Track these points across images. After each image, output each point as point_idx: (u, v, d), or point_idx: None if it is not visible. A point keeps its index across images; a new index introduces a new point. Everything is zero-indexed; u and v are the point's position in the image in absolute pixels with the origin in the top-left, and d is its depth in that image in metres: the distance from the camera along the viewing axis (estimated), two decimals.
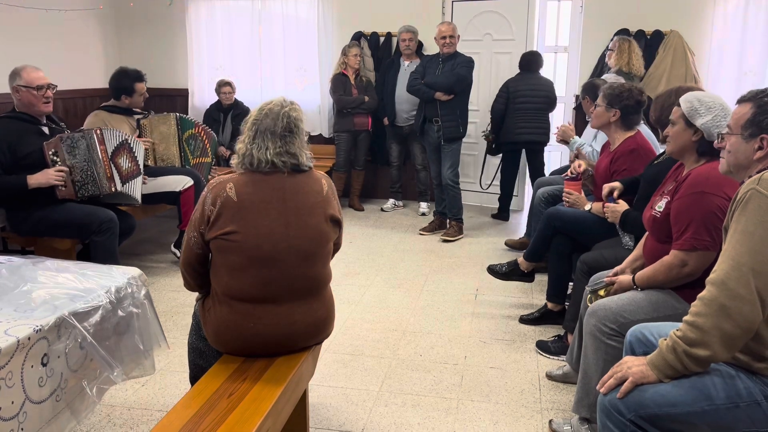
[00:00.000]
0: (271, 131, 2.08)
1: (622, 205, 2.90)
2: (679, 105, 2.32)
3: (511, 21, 5.84)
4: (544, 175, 5.40)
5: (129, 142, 3.84)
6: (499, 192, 5.88)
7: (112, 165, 3.69)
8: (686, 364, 1.65)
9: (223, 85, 5.94)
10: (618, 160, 3.21)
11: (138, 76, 4.41)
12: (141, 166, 3.90)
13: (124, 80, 4.38)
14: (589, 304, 2.49)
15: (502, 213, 5.90)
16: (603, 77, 4.73)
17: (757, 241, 1.57)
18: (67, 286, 2.15)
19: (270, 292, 2.09)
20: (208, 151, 4.65)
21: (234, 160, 2.15)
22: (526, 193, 6.35)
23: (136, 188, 3.87)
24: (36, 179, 3.38)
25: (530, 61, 5.48)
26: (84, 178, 3.55)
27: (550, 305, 3.52)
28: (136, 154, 3.86)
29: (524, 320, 3.60)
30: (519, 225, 5.74)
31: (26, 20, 5.34)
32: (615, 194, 2.97)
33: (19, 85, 3.42)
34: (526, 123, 5.39)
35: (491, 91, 5.80)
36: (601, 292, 2.49)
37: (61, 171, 3.44)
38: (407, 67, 5.78)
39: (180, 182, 4.28)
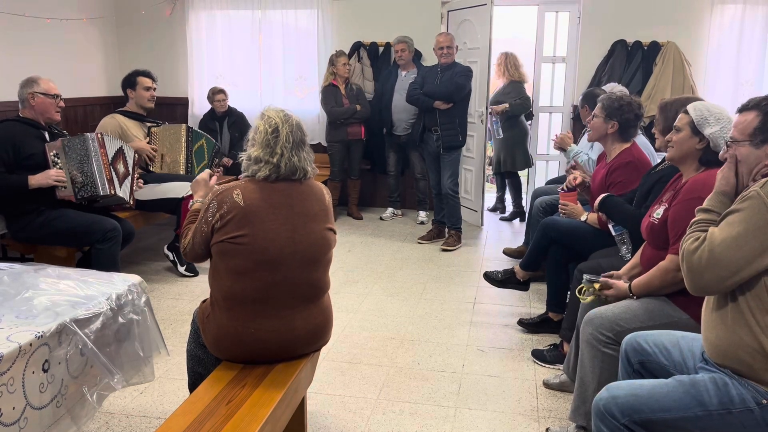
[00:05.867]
0: (303, 141, 2.17)
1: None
2: (686, 112, 2.36)
3: (478, 29, 5.68)
4: None
5: (123, 148, 3.88)
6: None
7: (112, 169, 3.73)
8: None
9: (217, 93, 5.86)
10: (614, 172, 3.22)
11: (142, 72, 4.51)
12: (130, 169, 3.92)
13: (131, 76, 4.51)
14: (579, 295, 2.54)
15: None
16: (603, 87, 4.77)
17: (735, 234, 1.65)
18: (68, 293, 2.16)
19: (272, 296, 2.11)
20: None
21: (253, 170, 2.12)
22: (526, 202, 6.36)
23: (127, 191, 3.90)
24: (37, 180, 3.45)
25: None
26: (84, 179, 3.58)
27: (551, 315, 3.53)
28: (127, 159, 3.90)
29: (523, 323, 3.62)
30: (518, 234, 5.77)
31: (28, 29, 5.37)
32: None
33: (37, 92, 3.51)
34: None
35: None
36: (596, 285, 2.50)
37: (61, 173, 3.50)
38: (404, 76, 5.81)
39: (183, 188, 4.30)
